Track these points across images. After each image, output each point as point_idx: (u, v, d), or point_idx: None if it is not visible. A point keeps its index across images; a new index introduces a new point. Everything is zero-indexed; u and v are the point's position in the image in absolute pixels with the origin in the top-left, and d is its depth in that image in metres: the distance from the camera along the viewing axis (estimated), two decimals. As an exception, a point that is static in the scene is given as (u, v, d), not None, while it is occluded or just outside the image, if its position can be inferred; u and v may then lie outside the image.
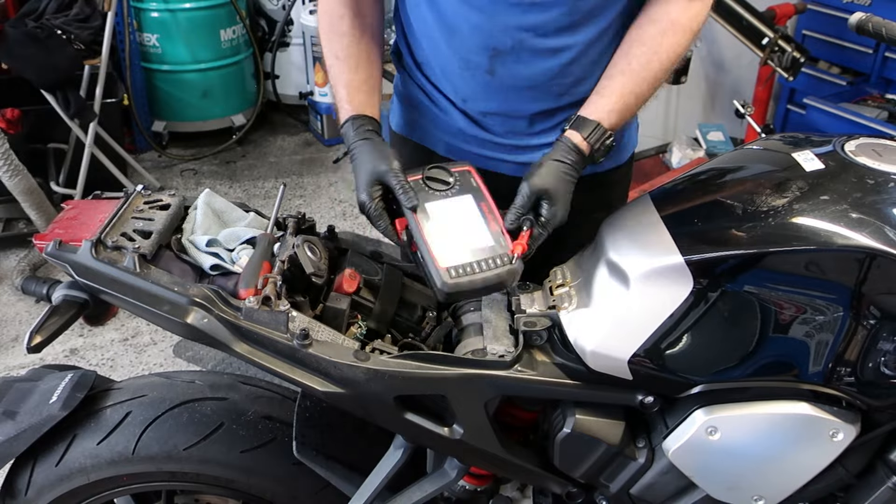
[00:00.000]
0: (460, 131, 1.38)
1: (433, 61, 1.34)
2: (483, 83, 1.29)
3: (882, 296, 0.96)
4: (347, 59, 1.29)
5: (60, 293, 1.10)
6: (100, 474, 1.25)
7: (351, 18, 1.30)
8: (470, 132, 1.36)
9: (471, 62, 1.28)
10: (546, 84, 1.27)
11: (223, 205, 1.24)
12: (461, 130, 1.38)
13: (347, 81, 1.28)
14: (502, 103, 1.31)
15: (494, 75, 1.27)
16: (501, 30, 1.23)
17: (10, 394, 1.24)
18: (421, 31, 1.33)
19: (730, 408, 1.02)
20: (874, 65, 3.43)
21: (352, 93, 1.27)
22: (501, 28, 1.22)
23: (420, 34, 1.34)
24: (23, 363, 2.59)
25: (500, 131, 1.35)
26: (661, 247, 1.01)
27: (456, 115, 1.36)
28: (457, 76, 1.31)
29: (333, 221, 1.16)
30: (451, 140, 1.41)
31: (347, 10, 1.30)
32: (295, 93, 4.48)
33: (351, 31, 1.30)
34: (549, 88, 1.28)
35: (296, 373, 1.03)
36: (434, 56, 1.34)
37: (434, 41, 1.32)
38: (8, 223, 3.25)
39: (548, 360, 1.08)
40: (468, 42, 1.26)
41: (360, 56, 1.30)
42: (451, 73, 1.32)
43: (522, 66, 1.25)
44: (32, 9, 3.07)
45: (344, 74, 1.29)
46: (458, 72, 1.31)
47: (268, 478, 1.27)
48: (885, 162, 1.04)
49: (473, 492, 1.25)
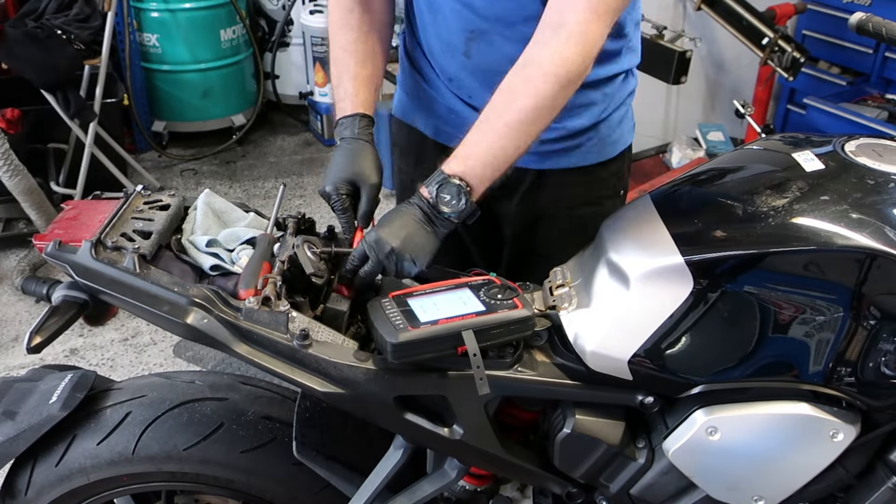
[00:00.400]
0: (450, 111, 1.41)
1: (424, 41, 1.39)
2: (460, 64, 1.33)
3: (882, 296, 0.96)
4: (356, 52, 1.32)
5: (60, 293, 1.10)
6: (100, 474, 1.25)
7: (360, 14, 1.33)
8: (461, 113, 1.38)
9: (451, 44, 1.32)
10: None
11: (223, 205, 1.24)
12: (451, 110, 1.41)
13: (354, 75, 1.30)
14: (478, 84, 1.33)
15: (470, 58, 1.31)
16: (479, 12, 1.25)
17: (10, 394, 1.24)
18: (415, 10, 1.38)
19: (730, 408, 1.02)
20: (874, 65, 3.44)
21: (358, 87, 1.29)
22: (479, 11, 1.25)
23: (414, 14, 1.39)
24: (23, 363, 2.59)
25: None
26: (661, 247, 1.01)
27: (447, 94, 1.40)
28: (440, 56, 1.36)
29: (333, 221, 1.16)
30: (439, 124, 1.44)
31: (357, 4, 1.33)
32: (295, 93, 4.48)
33: (360, 26, 1.32)
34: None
35: (296, 373, 1.03)
36: (424, 36, 1.38)
37: (424, 22, 1.36)
38: (8, 223, 3.25)
39: (548, 361, 1.08)
40: (448, 23, 1.30)
41: (366, 52, 1.32)
42: (436, 53, 1.37)
43: (497, 49, 1.27)
44: (32, 9, 3.07)
45: (351, 68, 1.31)
46: (441, 52, 1.35)
47: (268, 478, 1.27)
48: (886, 162, 1.04)
49: (473, 492, 1.25)
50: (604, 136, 1.41)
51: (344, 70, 1.31)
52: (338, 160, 1.22)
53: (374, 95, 1.31)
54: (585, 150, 1.41)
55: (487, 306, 1.03)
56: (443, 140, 1.44)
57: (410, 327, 0.99)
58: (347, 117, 1.26)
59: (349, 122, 1.26)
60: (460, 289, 1.07)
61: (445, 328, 0.99)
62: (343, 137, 1.25)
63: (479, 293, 1.05)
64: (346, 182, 1.19)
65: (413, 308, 1.03)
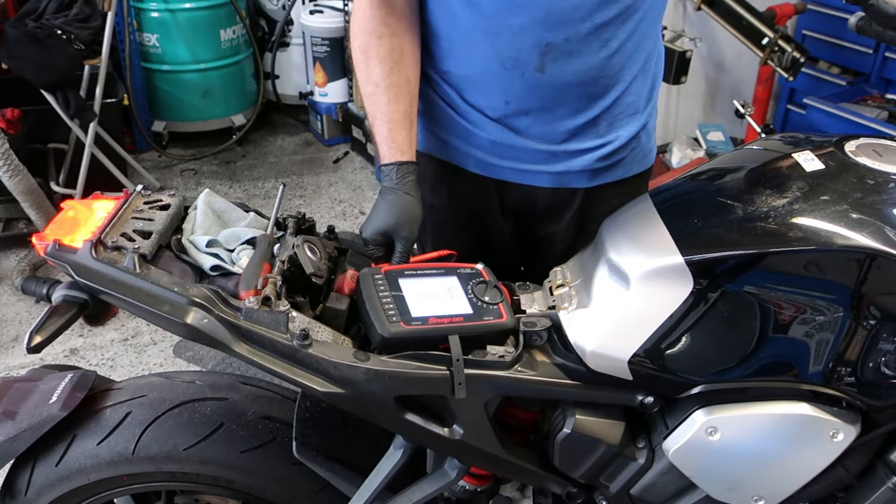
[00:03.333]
0: (493, 144, 1.34)
1: (465, 67, 1.30)
2: (531, 82, 1.26)
3: (882, 296, 0.96)
4: (388, 88, 1.24)
5: (60, 293, 1.10)
6: (100, 474, 1.24)
7: (389, 38, 1.24)
8: (505, 142, 1.33)
9: (519, 61, 1.24)
10: (592, 79, 1.27)
11: (223, 205, 1.24)
12: (494, 143, 1.34)
13: (389, 116, 1.24)
14: (547, 102, 1.28)
15: (545, 72, 1.24)
16: (558, 23, 1.20)
17: (10, 394, 1.24)
18: (449, 34, 1.28)
19: (730, 408, 1.02)
20: (874, 65, 3.44)
21: (394, 130, 1.24)
22: (558, 21, 1.20)
23: (449, 40, 1.29)
24: (23, 363, 2.59)
25: (538, 135, 1.32)
26: (661, 247, 1.00)
27: (489, 126, 1.33)
28: (498, 79, 1.27)
29: (333, 221, 1.16)
30: (482, 155, 1.37)
31: (387, 28, 1.24)
32: (295, 93, 4.48)
33: (390, 56, 1.24)
34: (595, 83, 1.27)
35: (296, 373, 1.03)
36: (467, 61, 1.29)
37: (469, 43, 1.26)
38: (8, 223, 3.25)
39: (548, 361, 1.08)
40: (516, 40, 1.22)
41: (400, 84, 1.25)
42: (489, 75, 1.27)
43: (574, 59, 1.24)
44: (32, 9, 3.07)
45: (384, 107, 1.24)
46: (500, 73, 1.26)
47: (268, 478, 1.27)
48: (886, 162, 1.04)
49: (473, 492, 1.25)
50: (643, 144, 1.41)
51: (378, 111, 1.25)
52: (377, 210, 1.22)
53: (411, 132, 1.26)
54: (629, 161, 1.40)
55: (475, 309, 1.06)
56: (486, 172, 1.39)
57: (402, 322, 1.02)
58: (388, 166, 1.24)
59: (389, 170, 1.23)
60: (449, 275, 1.11)
61: (433, 330, 1.03)
62: (384, 186, 1.24)
63: (467, 287, 1.09)
64: (381, 234, 1.20)
65: (404, 293, 1.06)
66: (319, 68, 4.13)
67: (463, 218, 1.46)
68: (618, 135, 1.35)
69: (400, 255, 1.20)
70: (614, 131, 1.34)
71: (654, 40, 1.34)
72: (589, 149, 1.34)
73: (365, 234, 1.22)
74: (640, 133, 1.39)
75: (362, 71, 1.27)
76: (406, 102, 1.26)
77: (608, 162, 1.37)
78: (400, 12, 1.26)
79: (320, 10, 4.13)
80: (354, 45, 1.27)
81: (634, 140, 1.38)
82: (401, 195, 1.22)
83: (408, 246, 1.21)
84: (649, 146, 1.44)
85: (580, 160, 1.35)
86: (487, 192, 1.42)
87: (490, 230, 1.48)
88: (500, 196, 1.43)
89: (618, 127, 1.34)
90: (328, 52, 4.07)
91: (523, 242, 1.51)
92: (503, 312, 1.07)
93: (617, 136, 1.35)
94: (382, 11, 1.24)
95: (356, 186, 3.93)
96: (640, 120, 1.37)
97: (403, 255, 1.21)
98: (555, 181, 1.38)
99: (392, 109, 1.24)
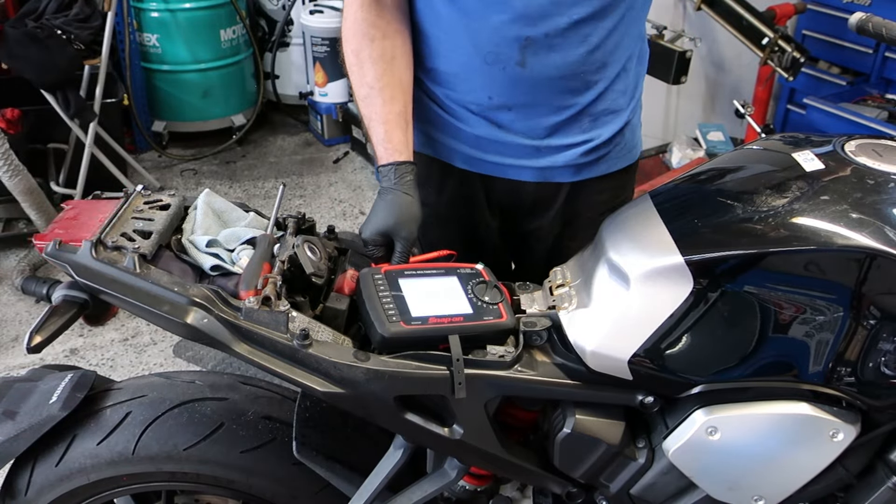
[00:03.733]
0: (478, 139, 1.36)
1: (449, 64, 1.31)
2: (513, 77, 1.27)
3: (882, 296, 0.96)
4: (382, 90, 1.25)
5: (60, 293, 1.10)
6: (100, 474, 1.25)
7: (381, 41, 1.25)
8: (490, 137, 1.35)
9: (500, 55, 1.25)
10: (572, 74, 1.28)
11: (223, 205, 1.24)
12: (479, 138, 1.36)
13: (384, 117, 1.25)
14: (529, 97, 1.30)
15: (525, 66, 1.26)
16: (537, 18, 1.22)
17: (10, 394, 1.24)
18: (434, 33, 1.30)
19: (730, 408, 1.02)
20: (874, 65, 3.44)
21: (390, 131, 1.24)
22: (537, 16, 1.22)
23: (433, 38, 1.30)
24: (23, 363, 2.59)
25: (521, 130, 1.34)
26: (661, 247, 1.01)
27: (474, 120, 1.34)
28: (480, 74, 1.28)
29: (333, 221, 1.17)
30: (468, 151, 1.39)
31: (378, 31, 1.25)
32: (295, 93, 4.48)
33: (382, 57, 1.25)
34: (575, 78, 1.28)
35: (296, 373, 1.03)
36: (450, 57, 1.30)
37: (452, 41, 1.28)
38: (8, 223, 3.25)
39: (548, 361, 1.08)
40: (497, 35, 1.24)
41: (394, 84, 1.26)
42: (472, 71, 1.29)
43: (555, 54, 1.25)
44: (32, 9, 3.07)
45: (379, 109, 1.25)
46: (482, 68, 1.27)
47: (268, 478, 1.27)
48: (886, 162, 1.04)
49: (473, 492, 1.25)
50: (628, 140, 1.42)
51: (373, 113, 1.25)
52: (377, 210, 1.22)
53: (407, 132, 1.26)
54: (614, 156, 1.41)
55: (475, 309, 1.06)
56: (473, 168, 1.41)
57: (402, 322, 1.02)
58: (386, 166, 1.24)
59: (387, 171, 1.24)
60: (449, 276, 1.11)
61: (433, 329, 1.03)
62: (383, 187, 1.24)
63: (467, 287, 1.09)
64: (380, 234, 1.21)
65: (405, 293, 1.06)
66: (319, 68, 4.13)
67: (450, 213, 1.48)
68: (601, 131, 1.36)
69: (400, 255, 1.21)
70: (597, 128, 1.36)
71: (636, 39, 1.35)
72: (572, 144, 1.36)
73: (364, 235, 1.22)
74: (625, 129, 1.40)
75: (356, 74, 1.27)
76: (401, 103, 1.27)
77: (592, 157, 1.39)
78: (390, 14, 1.27)
79: (320, 10, 4.13)
80: (347, 49, 1.28)
81: (618, 136, 1.39)
82: (400, 195, 1.23)
83: (407, 246, 1.21)
84: (634, 141, 1.45)
85: (564, 155, 1.37)
86: (474, 187, 1.44)
87: (477, 225, 1.50)
88: (486, 191, 1.45)
89: (601, 124, 1.36)
90: (328, 52, 4.07)
91: (510, 237, 1.53)
92: (503, 312, 1.07)
93: (600, 133, 1.36)
94: (373, 14, 1.25)
95: (356, 186, 3.93)
96: (624, 117, 1.38)
97: (403, 255, 1.21)
98: (539, 176, 1.40)
99: (387, 111, 1.25)
